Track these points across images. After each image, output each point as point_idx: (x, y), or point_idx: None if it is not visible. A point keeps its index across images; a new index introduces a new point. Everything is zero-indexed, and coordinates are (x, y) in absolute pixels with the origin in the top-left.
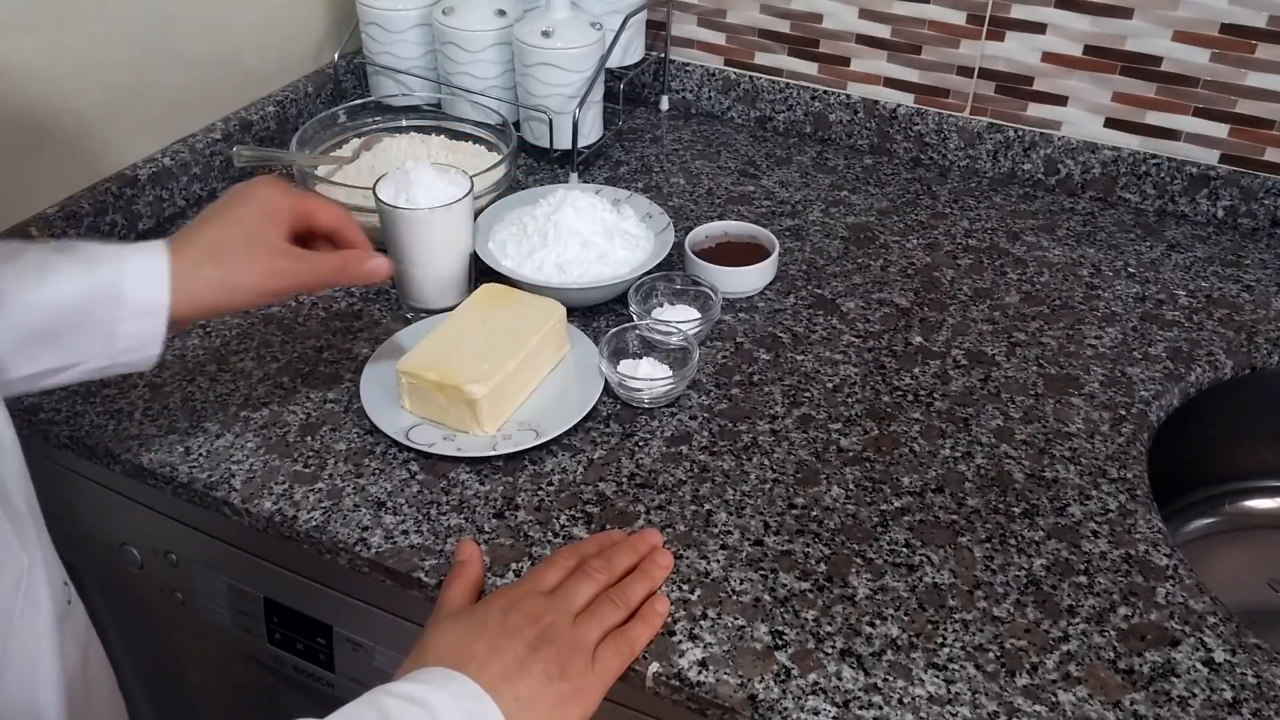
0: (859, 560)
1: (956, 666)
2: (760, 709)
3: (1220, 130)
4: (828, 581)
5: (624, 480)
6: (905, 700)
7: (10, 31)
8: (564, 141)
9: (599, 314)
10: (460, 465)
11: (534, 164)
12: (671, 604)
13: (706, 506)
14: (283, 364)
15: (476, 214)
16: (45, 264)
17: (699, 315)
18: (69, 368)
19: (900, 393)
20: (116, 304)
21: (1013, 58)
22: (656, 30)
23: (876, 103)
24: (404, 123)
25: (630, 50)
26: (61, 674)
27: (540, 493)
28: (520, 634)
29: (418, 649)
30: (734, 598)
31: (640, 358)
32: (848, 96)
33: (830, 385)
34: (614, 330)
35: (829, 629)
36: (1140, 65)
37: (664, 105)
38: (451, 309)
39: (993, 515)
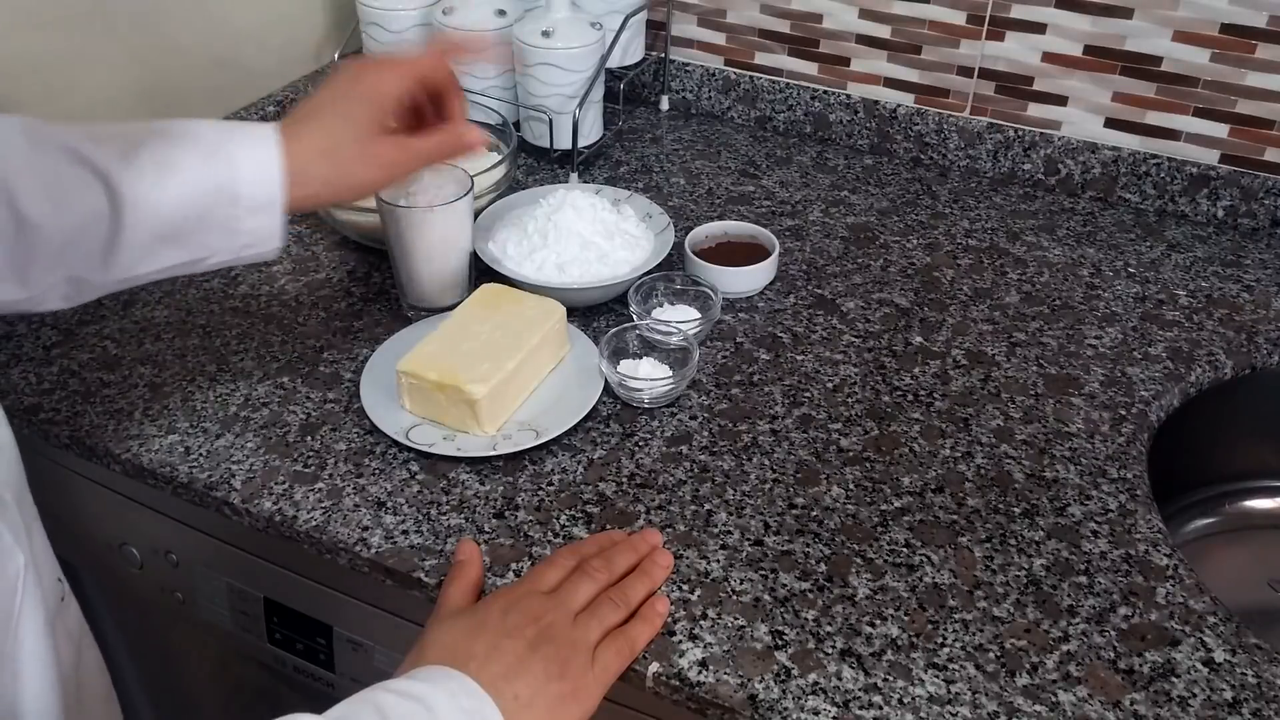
0: (859, 560)
1: (956, 666)
2: (760, 709)
3: (1220, 130)
4: (828, 581)
5: (624, 480)
6: (905, 700)
7: (10, 31)
8: (564, 141)
9: (599, 314)
10: (460, 465)
11: (534, 164)
12: (671, 604)
13: (706, 506)
14: (283, 364)
15: (476, 214)
16: (162, 163)
17: (699, 315)
18: (196, 262)
19: (900, 393)
20: (233, 202)
21: (1013, 58)
22: (656, 30)
23: (876, 103)
24: None
25: (630, 50)
26: (56, 671)
27: (540, 493)
28: (520, 633)
29: (417, 647)
30: (734, 598)
31: (640, 358)
32: (848, 96)
33: (830, 385)
34: (614, 330)
35: (829, 629)
36: (1140, 65)
37: (664, 105)
38: (451, 309)
39: (993, 515)
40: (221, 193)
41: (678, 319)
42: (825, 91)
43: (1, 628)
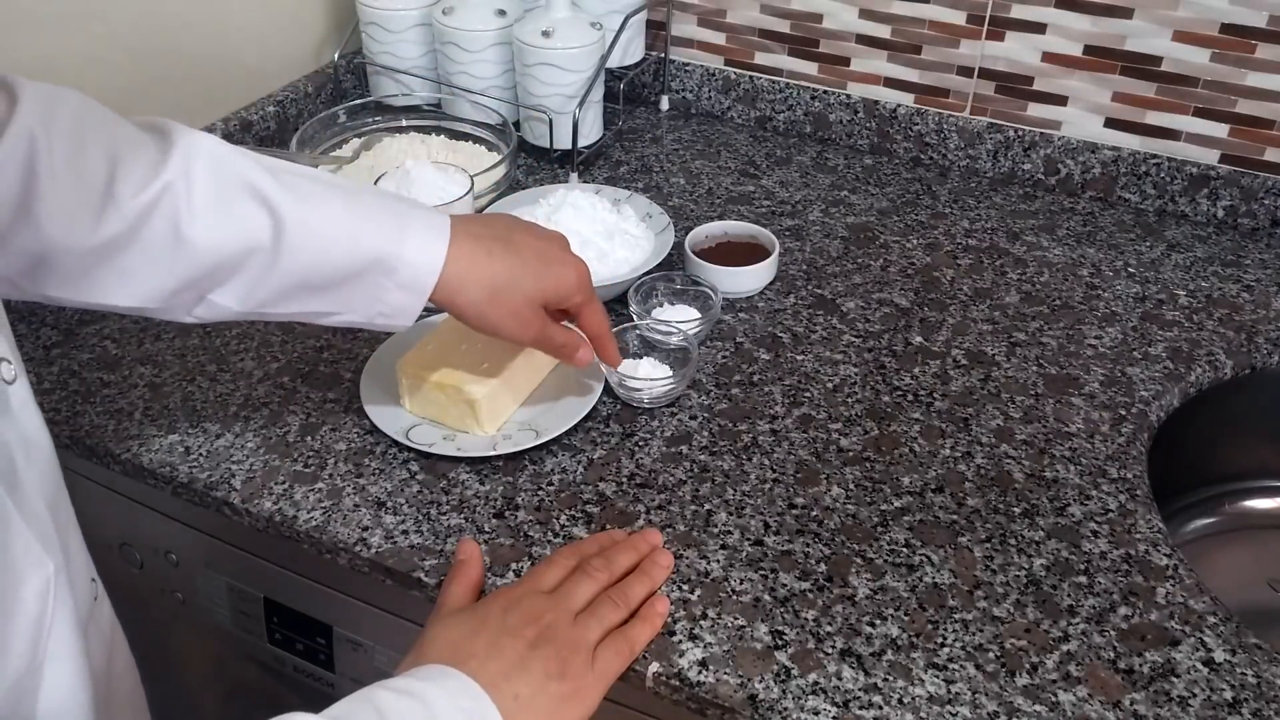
0: (859, 560)
1: (956, 666)
2: (760, 709)
3: (1220, 130)
4: (828, 581)
5: (624, 480)
6: (905, 700)
7: (11, 31)
8: (564, 141)
9: None
10: (460, 465)
11: (534, 164)
12: (671, 604)
13: (706, 506)
14: (283, 364)
15: (477, 214)
16: (334, 218)
17: (699, 315)
18: (329, 315)
19: (900, 393)
20: (389, 274)
21: (1013, 58)
22: (656, 30)
23: (876, 103)
24: (404, 123)
25: (630, 50)
26: (87, 673)
27: (540, 493)
28: (520, 633)
29: (417, 646)
30: (734, 598)
31: (640, 358)
32: (848, 96)
33: (830, 385)
34: (614, 330)
35: (829, 629)
36: (1140, 65)
37: (664, 105)
38: None
39: (993, 515)
40: (381, 263)
41: (678, 319)
42: (825, 91)
43: (32, 637)
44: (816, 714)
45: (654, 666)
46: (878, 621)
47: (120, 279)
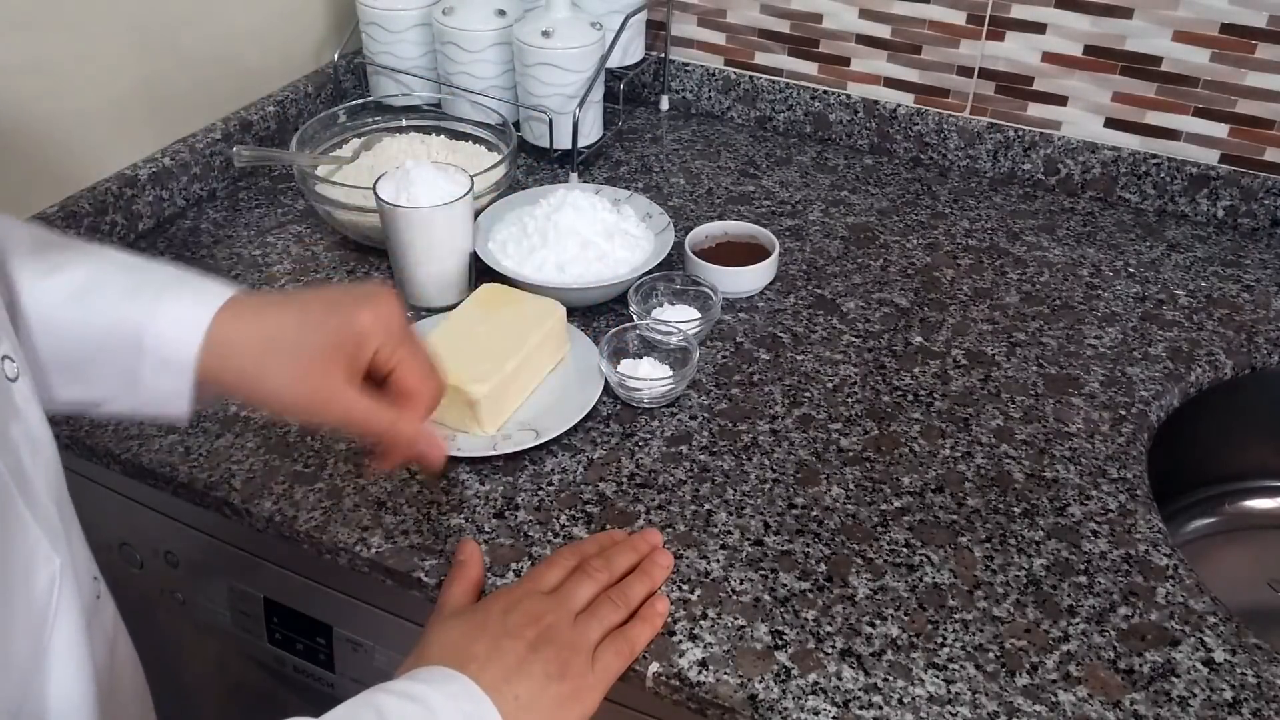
0: (859, 560)
1: (956, 666)
2: (760, 709)
3: (1220, 130)
4: (828, 581)
5: (624, 480)
6: (905, 700)
7: (11, 31)
8: (564, 141)
9: (599, 314)
10: (460, 465)
11: (534, 164)
12: (671, 604)
13: (706, 506)
14: None
15: (476, 214)
16: (81, 287)
17: (699, 315)
18: (96, 404)
19: (900, 393)
20: (137, 352)
21: (1013, 58)
22: (656, 30)
23: (876, 103)
24: (404, 123)
25: (630, 50)
26: (90, 669)
27: (540, 493)
28: (520, 634)
29: (418, 648)
30: (734, 598)
31: (640, 358)
32: (848, 96)
33: (830, 385)
34: (614, 330)
35: (829, 629)
36: (1140, 65)
37: (664, 105)
38: (451, 308)
39: (993, 515)
40: (129, 337)
41: (678, 319)
42: (825, 91)
43: (36, 632)
44: (816, 714)
45: (654, 666)
46: (878, 621)
47: None
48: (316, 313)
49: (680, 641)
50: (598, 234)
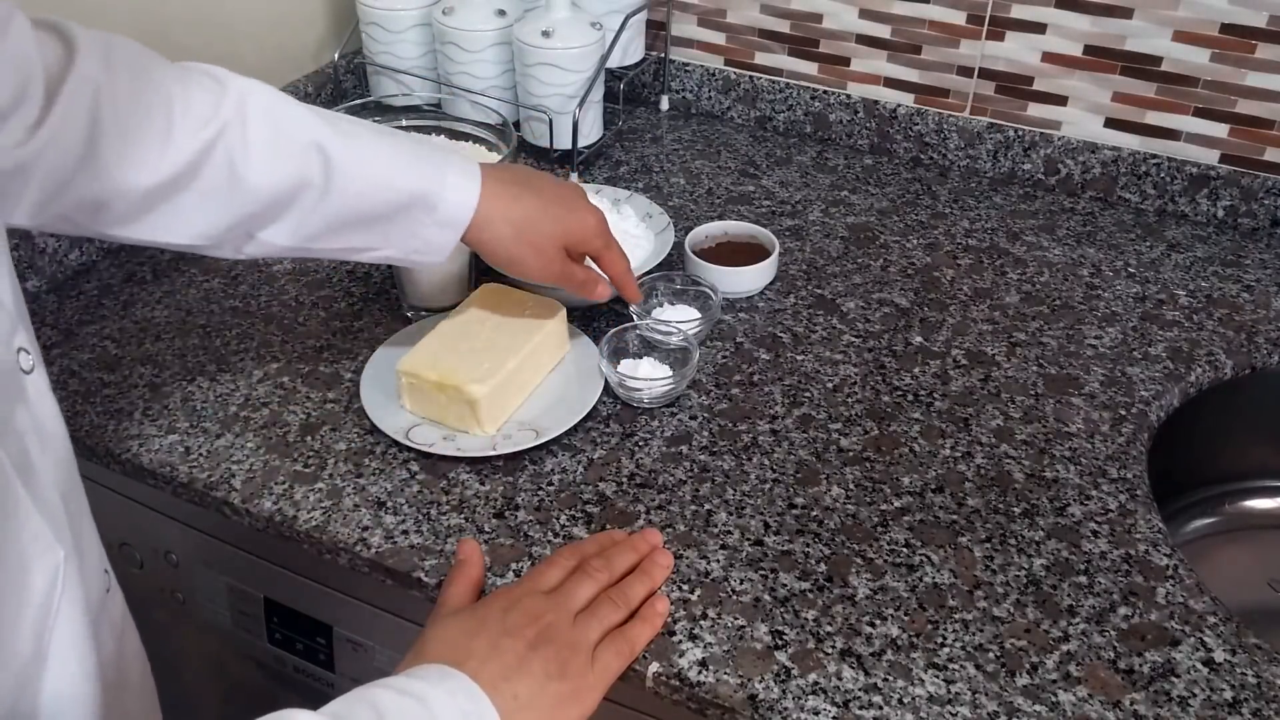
0: (859, 560)
1: (956, 666)
2: (760, 709)
3: (1220, 130)
4: (828, 581)
5: (624, 480)
6: (905, 700)
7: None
8: (564, 141)
9: (599, 314)
10: (460, 465)
11: (534, 164)
12: (671, 604)
13: (706, 506)
14: (283, 364)
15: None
16: (377, 159)
17: (699, 315)
18: (368, 250)
19: (900, 393)
20: (428, 211)
21: (1013, 58)
22: (656, 30)
23: (876, 103)
24: (404, 123)
25: (630, 50)
26: (95, 662)
27: (540, 493)
28: (520, 633)
29: (417, 646)
30: (734, 598)
31: (640, 358)
32: (848, 96)
33: (830, 385)
34: (614, 330)
35: (829, 629)
36: (1140, 65)
37: (664, 105)
38: (451, 308)
39: (993, 515)
40: (423, 200)
41: (678, 319)
42: (825, 91)
43: (38, 622)
44: (816, 714)
45: (654, 666)
46: (878, 621)
47: (177, 218)
48: (555, 207)
49: (680, 641)
50: None
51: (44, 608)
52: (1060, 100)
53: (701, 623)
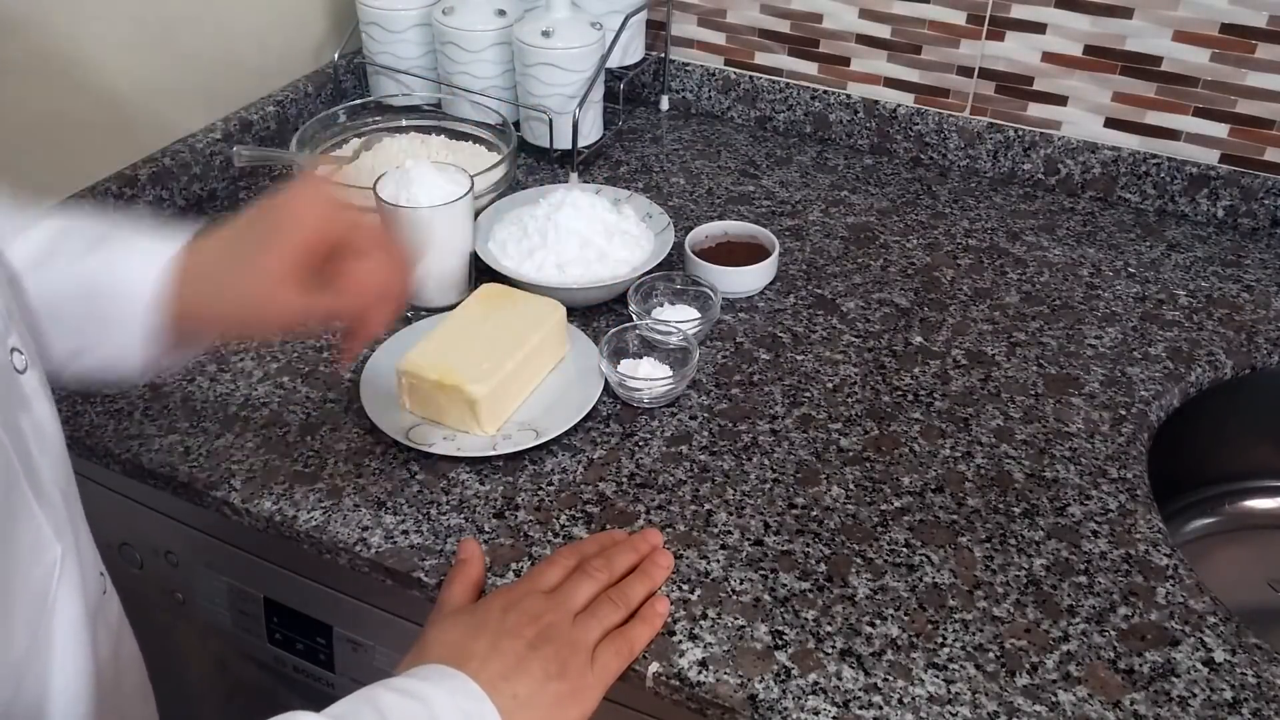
0: (859, 560)
1: (956, 666)
2: (760, 709)
3: (1220, 130)
4: (828, 581)
5: (624, 480)
6: (905, 700)
7: (11, 30)
8: (564, 141)
9: (599, 314)
10: (460, 465)
11: (534, 164)
12: (671, 604)
13: (706, 506)
14: (283, 364)
15: (476, 214)
16: (51, 251)
17: (699, 315)
18: (78, 354)
19: (900, 393)
20: (110, 293)
21: (1013, 58)
22: (656, 30)
23: (876, 103)
24: (404, 123)
25: (630, 50)
26: (93, 662)
27: (540, 493)
28: (520, 633)
29: (418, 646)
30: (734, 598)
31: (640, 358)
32: (848, 96)
33: (830, 385)
34: (614, 330)
35: (829, 629)
36: (1140, 65)
37: (664, 105)
38: (451, 308)
39: (993, 515)
40: (101, 280)
41: (678, 319)
42: (825, 91)
43: (35, 615)
44: (816, 714)
45: (654, 666)
46: (878, 621)
47: None
48: (263, 218)
49: (680, 641)
50: (598, 234)
51: (40, 601)
52: (1060, 100)
53: (701, 623)
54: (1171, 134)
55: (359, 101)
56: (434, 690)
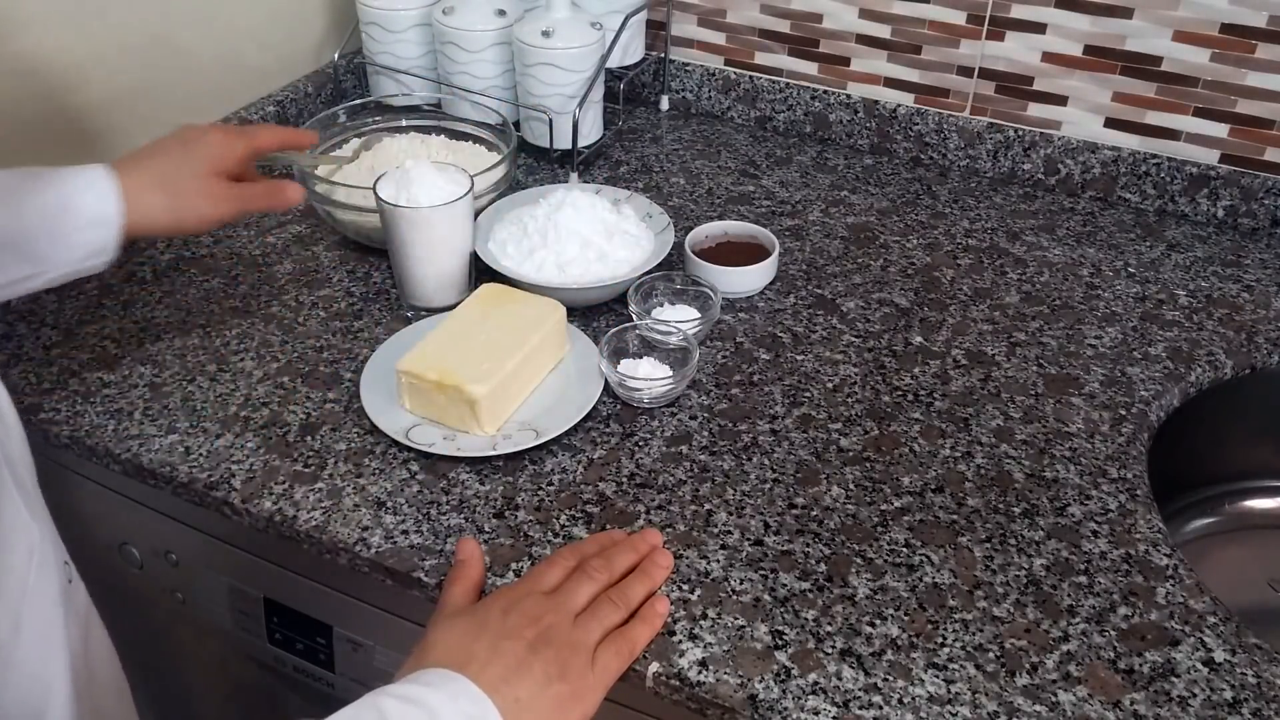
0: (859, 560)
1: (956, 666)
2: (760, 709)
3: (1220, 130)
4: (828, 581)
5: (624, 480)
6: (905, 700)
7: (11, 30)
8: (564, 141)
9: (599, 314)
10: (460, 465)
11: (534, 164)
12: (671, 604)
13: (706, 506)
14: (283, 364)
15: (476, 214)
16: (7, 188)
17: (699, 315)
18: (36, 275)
19: (900, 393)
20: (74, 216)
21: (1013, 58)
22: (656, 30)
23: (876, 103)
24: (404, 123)
25: (630, 50)
26: (66, 648)
27: (540, 493)
28: (520, 634)
29: (419, 648)
30: (734, 598)
31: (640, 358)
32: (848, 96)
33: (830, 385)
34: (614, 330)
35: (829, 629)
36: (1140, 65)
37: (664, 105)
38: (451, 308)
39: (993, 515)
40: (64, 210)
41: (678, 319)
42: (825, 91)
43: (16, 598)
44: (816, 714)
45: (654, 666)
46: (878, 621)
47: None
48: (176, 150)
49: (680, 641)
50: (598, 234)
51: (22, 582)
52: (1060, 100)
53: (701, 623)
54: (1171, 134)
55: (359, 101)
56: (435, 695)
